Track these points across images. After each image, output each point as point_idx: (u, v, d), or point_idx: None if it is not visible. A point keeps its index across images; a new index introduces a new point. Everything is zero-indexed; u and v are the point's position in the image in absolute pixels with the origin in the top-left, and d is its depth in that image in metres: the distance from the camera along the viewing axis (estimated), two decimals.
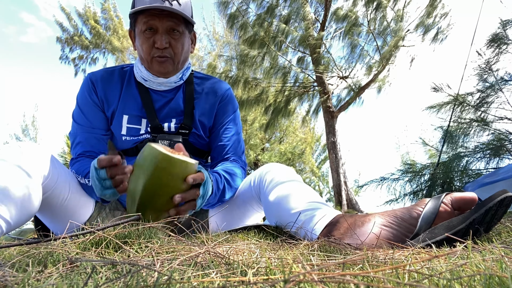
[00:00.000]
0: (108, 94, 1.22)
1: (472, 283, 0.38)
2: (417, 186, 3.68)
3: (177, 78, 1.23)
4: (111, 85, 1.23)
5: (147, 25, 1.11)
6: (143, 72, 1.20)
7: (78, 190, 1.09)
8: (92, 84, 1.22)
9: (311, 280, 0.33)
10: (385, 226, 0.81)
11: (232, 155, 1.29)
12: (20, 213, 0.84)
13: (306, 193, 1.03)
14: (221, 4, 7.09)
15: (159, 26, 1.11)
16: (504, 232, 0.82)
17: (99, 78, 1.23)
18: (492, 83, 3.57)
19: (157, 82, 1.21)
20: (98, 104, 1.22)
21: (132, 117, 1.21)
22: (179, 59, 1.18)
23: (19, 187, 0.84)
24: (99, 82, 1.22)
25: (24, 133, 13.11)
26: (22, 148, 0.92)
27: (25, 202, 0.85)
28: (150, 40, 1.13)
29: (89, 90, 1.22)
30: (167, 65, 1.17)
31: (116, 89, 1.23)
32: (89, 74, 1.26)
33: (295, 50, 7.31)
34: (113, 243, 0.65)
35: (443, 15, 6.74)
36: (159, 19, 1.10)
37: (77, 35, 12.11)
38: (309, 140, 12.64)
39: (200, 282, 0.40)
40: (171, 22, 1.11)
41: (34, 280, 0.45)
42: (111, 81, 1.24)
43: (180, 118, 1.24)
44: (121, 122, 1.21)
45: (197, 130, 1.26)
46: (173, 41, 1.14)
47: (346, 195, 6.88)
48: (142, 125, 1.22)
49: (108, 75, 1.25)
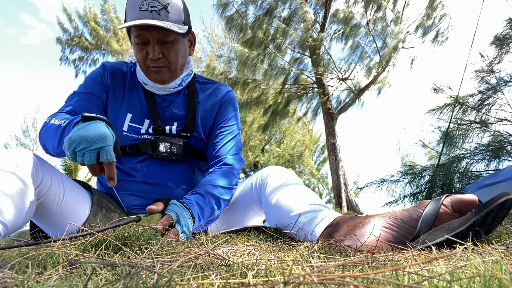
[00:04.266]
0: (115, 84, 1.25)
1: (472, 285, 0.38)
2: (417, 188, 3.67)
3: (176, 84, 1.24)
4: (120, 78, 1.26)
5: (138, 39, 1.11)
6: (143, 77, 1.22)
7: (72, 193, 1.08)
8: (105, 69, 1.27)
9: (311, 282, 0.33)
10: (385, 228, 0.81)
11: (226, 154, 1.27)
12: (16, 217, 0.84)
13: (307, 195, 1.03)
14: (220, 6, 7.11)
15: (150, 38, 1.10)
16: (504, 234, 0.82)
17: (111, 66, 1.28)
18: (493, 85, 3.57)
19: (156, 87, 1.22)
20: (105, 85, 1.24)
21: (136, 116, 1.22)
22: (175, 66, 1.18)
23: (14, 192, 0.84)
24: (110, 70, 1.26)
25: (25, 134, 13.11)
26: (13, 154, 0.92)
27: (20, 207, 0.85)
28: (144, 51, 1.13)
29: (101, 73, 1.26)
30: (163, 74, 1.17)
31: (123, 84, 1.26)
32: (103, 62, 1.30)
33: (294, 51, 7.32)
34: (113, 244, 0.65)
35: (442, 17, 6.75)
36: (149, 32, 1.09)
37: (77, 36, 12.12)
38: (308, 142, 12.65)
39: (200, 284, 0.40)
40: (161, 34, 1.10)
41: (34, 281, 0.45)
42: (121, 75, 1.27)
43: (182, 122, 1.25)
44: (124, 119, 1.22)
45: (198, 133, 1.27)
46: (165, 51, 1.14)
47: (346, 196, 6.87)
48: (144, 125, 1.22)
49: (120, 68, 1.29)
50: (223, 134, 1.29)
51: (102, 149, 0.83)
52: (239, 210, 1.26)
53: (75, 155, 0.83)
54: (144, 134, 1.22)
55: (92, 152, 0.82)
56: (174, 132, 1.24)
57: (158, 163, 1.22)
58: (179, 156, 1.23)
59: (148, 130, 1.22)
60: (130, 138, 1.22)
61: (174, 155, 1.22)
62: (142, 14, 1.07)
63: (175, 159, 1.23)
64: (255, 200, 1.20)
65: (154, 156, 1.21)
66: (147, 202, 1.16)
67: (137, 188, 1.21)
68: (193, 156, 1.28)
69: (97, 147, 0.82)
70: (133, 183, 1.21)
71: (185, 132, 1.24)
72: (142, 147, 1.21)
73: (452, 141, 3.70)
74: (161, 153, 1.20)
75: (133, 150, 1.22)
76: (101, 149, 0.83)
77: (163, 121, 1.23)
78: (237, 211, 1.26)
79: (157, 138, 1.21)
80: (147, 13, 1.07)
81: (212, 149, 1.28)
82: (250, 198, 1.22)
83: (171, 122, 1.24)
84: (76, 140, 0.82)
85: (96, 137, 0.82)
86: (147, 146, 1.21)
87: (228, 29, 7.41)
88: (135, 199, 1.19)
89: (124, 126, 1.22)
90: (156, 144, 1.21)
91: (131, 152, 1.22)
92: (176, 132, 1.24)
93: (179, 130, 1.24)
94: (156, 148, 1.20)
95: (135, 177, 1.21)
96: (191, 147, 1.26)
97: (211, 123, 1.30)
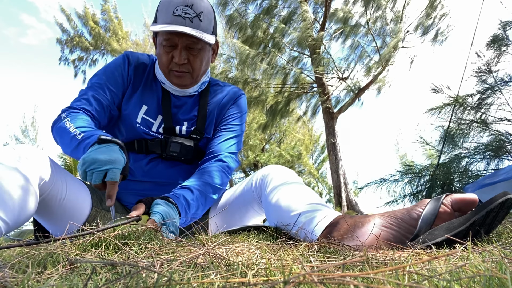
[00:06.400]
0: (137, 76, 1.24)
1: (471, 284, 0.38)
2: (417, 187, 3.68)
3: (194, 90, 1.25)
4: (142, 70, 1.25)
5: (167, 42, 1.12)
6: (161, 76, 1.22)
7: (75, 191, 1.08)
8: (128, 61, 1.25)
9: (311, 281, 0.33)
10: (385, 227, 0.81)
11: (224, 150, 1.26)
12: (18, 214, 0.84)
13: (307, 194, 1.03)
14: (220, 5, 7.10)
15: (178, 43, 1.11)
16: (504, 234, 0.82)
17: (136, 58, 1.26)
18: (491, 85, 3.57)
19: (173, 88, 1.23)
20: (124, 79, 1.23)
21: (151, 109, 1.22)
22: (198, 73, 1.19)
23: (16, 189, 0.84)
24: (133, 62, 1.25)
25: (24, 134, 13.09)
26: (17, 150, 0.92)
27: (22, 203, 0.85)
28: (169, 55, 1.13)
29: (123, 65, 1.24)
30: (185, 80, 1.18)
31: (143, 76, 1.25)
32: (126, 52, 1.28)
33: (294, 50, 7.32)
34: (113, 244, 0.65)
35: (442, 16, 6.75)
36: (179, 37, 1.10)
37: (77, 36, 12.10)
38: (307, 142, 12.65)
39: (200, 283, 0.40)
40: (190, 41, 1.11)
41: (34, 281, 0.45)
42: (143, 67, 1.26)
43: (193, 122, 1.26)
44: (138, 110, 1.22)
45: (208, 134, 1.28)
46: (191, 57, 1.14)
47: (346, 196, 6.87)
48: (156, 120, 1.23)
49: (142, 60, 1.27)
50: (225, 131, 1.29)
51: (110, 170, 0.89)
52: (239, 209, 1.26)
53: (85, 175, 0.90)
54: (155, 133, 1.23)
55: (100, 173, 0.89)
56: (184, 133, 1.24)
57: (165, 163, 1.22)
58: (188, 157, 1.23)
59: (159, 129, 1.23)
60: (142, 131, 1.21)
61: (184, 155, 1.22)
62: (176, 20, 1.07)
63: (183, 159, 1.23)
64: (255, 199, 1.20)
65: (163, 156, 1.21)
66: None
67: (140, 187, 1.21)
68: (200, 157, 1.28)
69: (106, 168, 0.89)
70: (136, 182, 1.21)
71: (195, 134, 1.25)
72: (151, 145, 1.21)
73: (452, 140, 3.70)
74: (172, 153, 1.20)
75: (141, 147, 1.22)
76: (109, 170, 0.89)
77: (174, 121, 1.24)
78: (237, 210, 1.26)
79: (167, 138, 1.21)
80: (180, 19, 1.08)
81: (211, 143, 1.28)
82: (250, 197, 1.22)
83: (182, 122, 1.24)
84: (88, 161, 0.89)
85: (107, 160, 0.89)
86: (157, 145, 1.21)
87: (228, 28, 7.41)
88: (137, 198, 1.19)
89: (138, 117, 1.21)
90: (166, 143, 1.21)
91: (139, 149, 1.22)
92: (186, 133, 1.24)
93: (189, 131, 1.25)
94: (166, 148, 1.20)
95: (139, 176, 1.21)
96: (199, 148, 1.27)
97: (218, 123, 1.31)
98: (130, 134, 1.22)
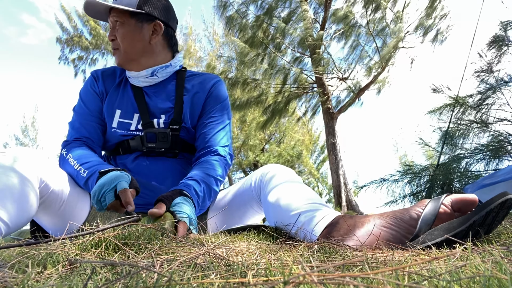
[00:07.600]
0: (108, 87, 1.28)
1: (471, 284, 0.38)
2: (417, 187, 3.67)
3: (147, 73, 1.24)
4: (111, 79, 1.30)
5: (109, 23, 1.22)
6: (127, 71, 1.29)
7: (74, 193, 1.09)
8: (94, 78, 1.30)
9: (311, 282, 0.33)
10: (385, 227, 0.81)
11: (217, 144, 1.25)
12: (18, 216, 0.85)
13: (306, 194, 1.03)
14: (220, 6, 7.10)
15: (109, 21, 1.21)
16: (504, 234, 0.82)
17: (100, 72, 1.32)
18: (492, 85, 3.57)
19: (133, 78, 1.26)
20: (98, 94, 1.28)
21: (125, 111, 1.24)
22: (126, 49, 1.21)
23: (17, 191, 0.85)
24: (100, 76, 1.30)
25: (24, 134, 13.10)
26: (17, 153, 0.93)
27: (23, 205, 0.86)
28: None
29: (92, 83, 1.29)
30: (117, 57, 1.23)
31: (114, 84, 1.29)
32: (92, 71, 1.34)
33: (294, 50, 7.31)
34: (113, 244, 0.65)
35: (442, 17, 6.74)
36: (108, 15, 1.21)
37: (77, 35, 12.09)
38: (307, 142, 12.64)
39: (200, 284, 0.40)
40: (113, 17, 1.19)
41: (34, 281, 0.45)
42: (111, 76, 1.31)
43: (170, 114, 1.25)
44: (112, 116, 1.24)
45: (186, 123, 1.26)
46: (117, 33, 1.21)
47: (346, 196, 6.87)
48: (133, 120, 1.24)
49: (109, 70, 1.33)
50: (212, 124, 1.28)
51: (117, 184, 0.94)
52: (238, 208, 1.26)
53: (100, 203, 0.95)
54: (134, 131, 1.23)
55: (110, 192, 0.93)
56: (163, 125, 1.24)
57: (150, 160, 1.22)
58: (167, 146, 1.22)
59: (137, 126, 1.23)
60: (119, 134, 1.23)
61: (163, 145, 1.21)
62: None
63: (164, 151, 1.22)
64: (255, 199, 1.20)
65: (144, 150, 1.21)
66: (142, 200, 1.16)
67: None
68: (184, 149, 1.28)
69: (113, 185, 0.93)
70: None
71: (173, 125, 1.24)
72: (132, 143, 1.22)
73: (452, 140, 3.70)
74: (150, 144, 1.20)
75: (125, 147, 1.23)
76: (117, 185, 0.94)
77: (151, 115, 1.24)
78: (236, 209, 1.26)
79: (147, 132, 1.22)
80: None
81: (202, 138, 1.26)
82: (249, 196, 1.22)
83: (159, 115, 1.24)
84: (97, 190, 0.94)
85: (112, 180, 0.95)
86: (137, 142, 1.22)
87: (228, 29, 7.41)
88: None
89: (114, 122, 1.23)
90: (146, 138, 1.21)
91: (123, 150, 1.24)
92: (164, 125, 1.24)
93: (167, 122, 1.24)
94: (144, 141, 1.21)
95: None
96: (181, 139, 1.26)
97: (199, 112, 1.29)
98: (111, 140, 1.25)
